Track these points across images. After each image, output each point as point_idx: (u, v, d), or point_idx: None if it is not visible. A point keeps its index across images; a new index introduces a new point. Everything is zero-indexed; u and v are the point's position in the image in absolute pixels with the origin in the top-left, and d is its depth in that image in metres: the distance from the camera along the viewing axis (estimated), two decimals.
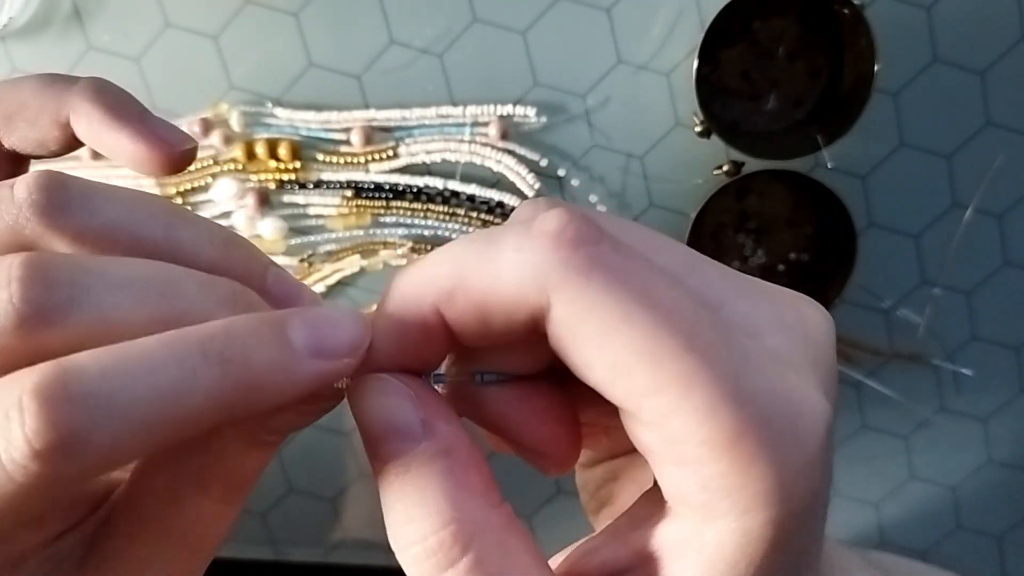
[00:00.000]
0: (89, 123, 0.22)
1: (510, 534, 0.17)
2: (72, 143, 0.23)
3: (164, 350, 0.16)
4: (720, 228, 0.45)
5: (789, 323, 0.17)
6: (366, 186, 0.43)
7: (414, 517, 0.17)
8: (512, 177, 0.43)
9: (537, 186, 0.43)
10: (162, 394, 0.15)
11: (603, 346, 0.16)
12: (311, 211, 0.44)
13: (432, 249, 0.49)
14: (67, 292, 0.16)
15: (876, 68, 0.40)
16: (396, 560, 0.18)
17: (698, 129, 0.42)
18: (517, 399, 0.19)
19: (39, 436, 0.14)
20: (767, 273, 0.46)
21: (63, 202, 0.17)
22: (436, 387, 0.19)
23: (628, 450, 0.22)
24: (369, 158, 0.43)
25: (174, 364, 0.16)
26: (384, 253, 0.44)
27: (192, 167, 0.41)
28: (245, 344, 0.16)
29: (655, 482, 0.18)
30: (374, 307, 0.18)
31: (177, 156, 0.23)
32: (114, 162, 0.37)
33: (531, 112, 0.42)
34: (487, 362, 0.19)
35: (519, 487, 0.48)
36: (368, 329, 0.18)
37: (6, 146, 0.22)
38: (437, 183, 0.43)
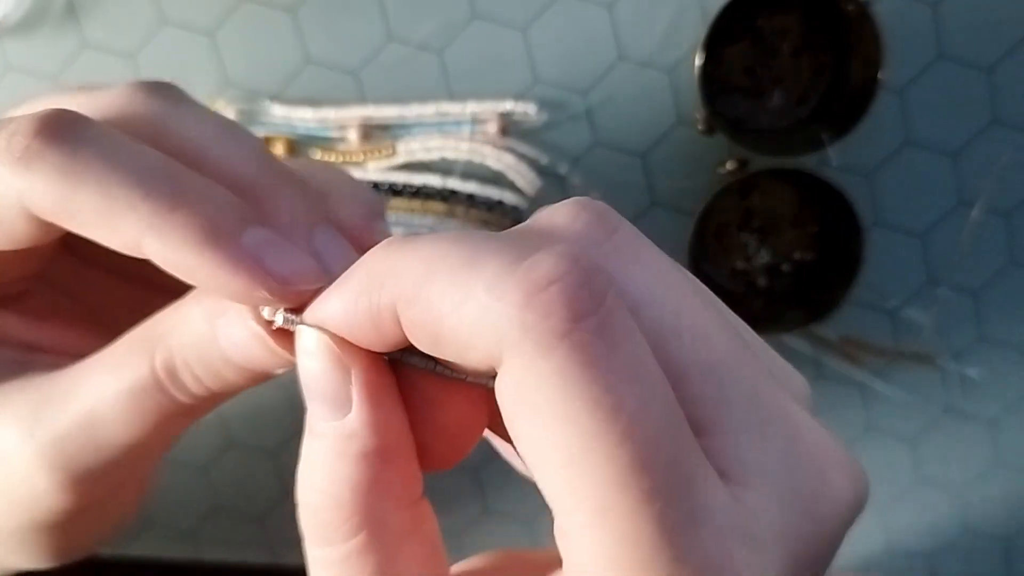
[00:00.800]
0: None
1: (409, 536, 0.17)
2: None
3: (155, 157, 0.17)
4: (724, 227, 0.45)
5: (797, 489, 0.15)
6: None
7: (318, 488, 0.17)
8: (512, 175, 0.43)
9: (538, 184, 0.43)
10: (127, 176, 0.16)
11: (535, 431, 0.14)
12: None
13: None
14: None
15: (881, 65, 0.40)
16: None
17: (701, 127, 0.42)
18: (433, 391, 0.18)
19: (24, 134, 0.16)
20: (771, 272, 0.45)
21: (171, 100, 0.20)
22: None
23: None
24: (367, 156, 0.43)
25: (156, 167, 0.17)
26: None
27: None
28: (211, 198, 0.17)
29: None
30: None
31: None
32: None
33: (531, 109, 0.42)
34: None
35: (522, 493, 0.48)
36: (305, 277, 0.18)
37: None
38: (436, 181, 0.43)
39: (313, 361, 0.17)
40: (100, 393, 0.19)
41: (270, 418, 0.46)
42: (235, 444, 0.47)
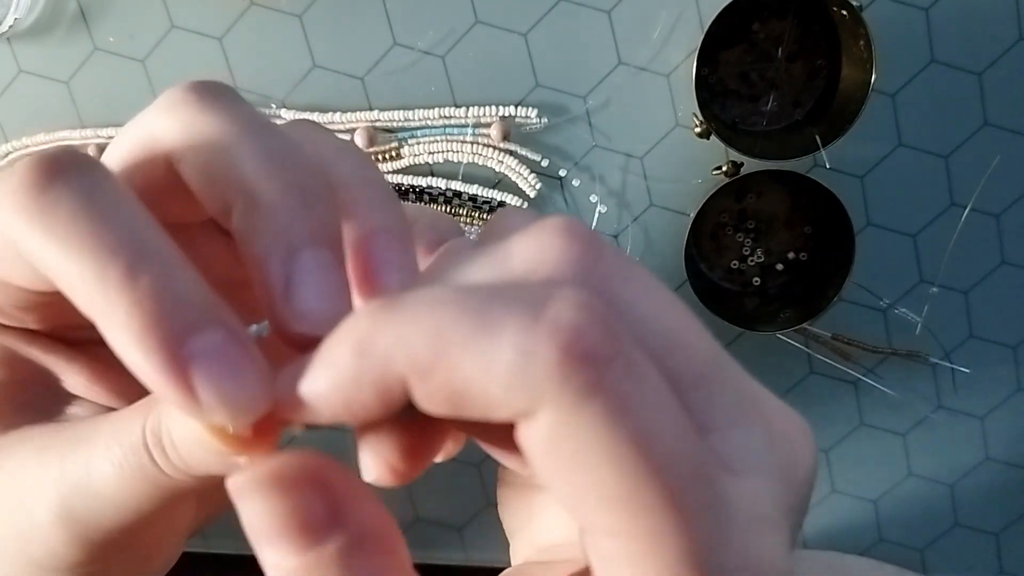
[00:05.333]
0: None
1: None
2: None
3: (129, 223, 0.16)
4: (719, 228, 0.46)
5: (779, 459, 0.16)
6: None
7: None
8: (514, 178, 0.43)
9: (539, 186, 0.43)
10: (89, 240, 0.15)
11: (578, 475, 0.14)
12: None
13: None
14: None
15: (874, 69, 0.40)
16: None
17: (698, 130, 0.43)
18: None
19: (28, 169, 0.16)
20: (766, 271, 0.46)
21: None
22: None
23: None
24: (373, 159, 0.43)
25: (124, 236, 0.15)
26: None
27: None
28: (170, 284, 0.15)
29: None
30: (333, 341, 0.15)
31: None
32: None
33: (532, 113, 0.43)
34: None
35: None
36: (258, 406, 0.15)
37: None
38: (440, 183, 0.44)
39: (271, 500, 0.15)
40: (97, 445, 0.18)
41: None
42: None
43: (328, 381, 0.15)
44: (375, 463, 0.17)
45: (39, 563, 0.20)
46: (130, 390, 0.21)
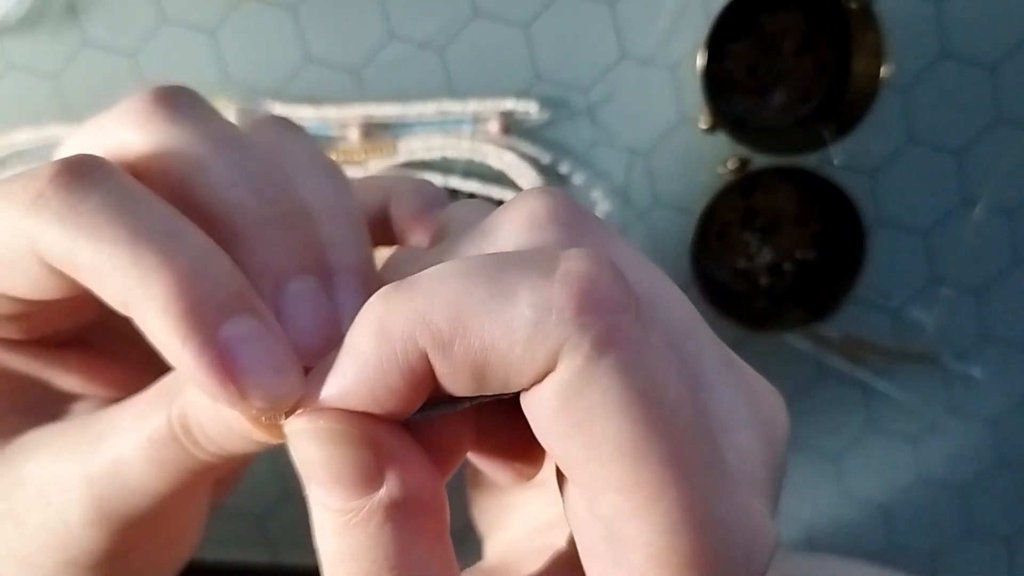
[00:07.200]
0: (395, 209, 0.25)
1: (446, 572, 0.17)
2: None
3: (157, 214, 0.16)
4: (726, 226, 0.45)
5: (761, 423, 0.17)
6: None
7: (357, 559, 0.15)
8: (513, 174, 0.43)
9: (539, 183, 0.43)
10: (121, 233, 0.16)
11: (586, 428, 0.14)
12: None
13: None
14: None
15: (884, 63, 0.40)
16: None
17: (703, 125, 0.42)
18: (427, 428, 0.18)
19: (40, 179, 0.16)
20: (773, 271, 0.45)
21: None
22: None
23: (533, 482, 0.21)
24: (368, 154, 0.43)
25: (154, 226, 0.16)
26: (384, 249, 0.44)
27: None
28: (203, 270, 0.16)
29: (569, 544, 0.18)
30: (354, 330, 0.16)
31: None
32: None
33: (533, 107, 0.42)
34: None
35: None
36: (296, 391, 0.16)
37: None
38: (437, 180, 0.43)
39: (328, 452, 0.15)
40: (125, 440, 0.19)
41: None
42: None
43: (355, 369, 0.15)
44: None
45: (75, 561, 0.20)
46: (128, 380, 0.22)
